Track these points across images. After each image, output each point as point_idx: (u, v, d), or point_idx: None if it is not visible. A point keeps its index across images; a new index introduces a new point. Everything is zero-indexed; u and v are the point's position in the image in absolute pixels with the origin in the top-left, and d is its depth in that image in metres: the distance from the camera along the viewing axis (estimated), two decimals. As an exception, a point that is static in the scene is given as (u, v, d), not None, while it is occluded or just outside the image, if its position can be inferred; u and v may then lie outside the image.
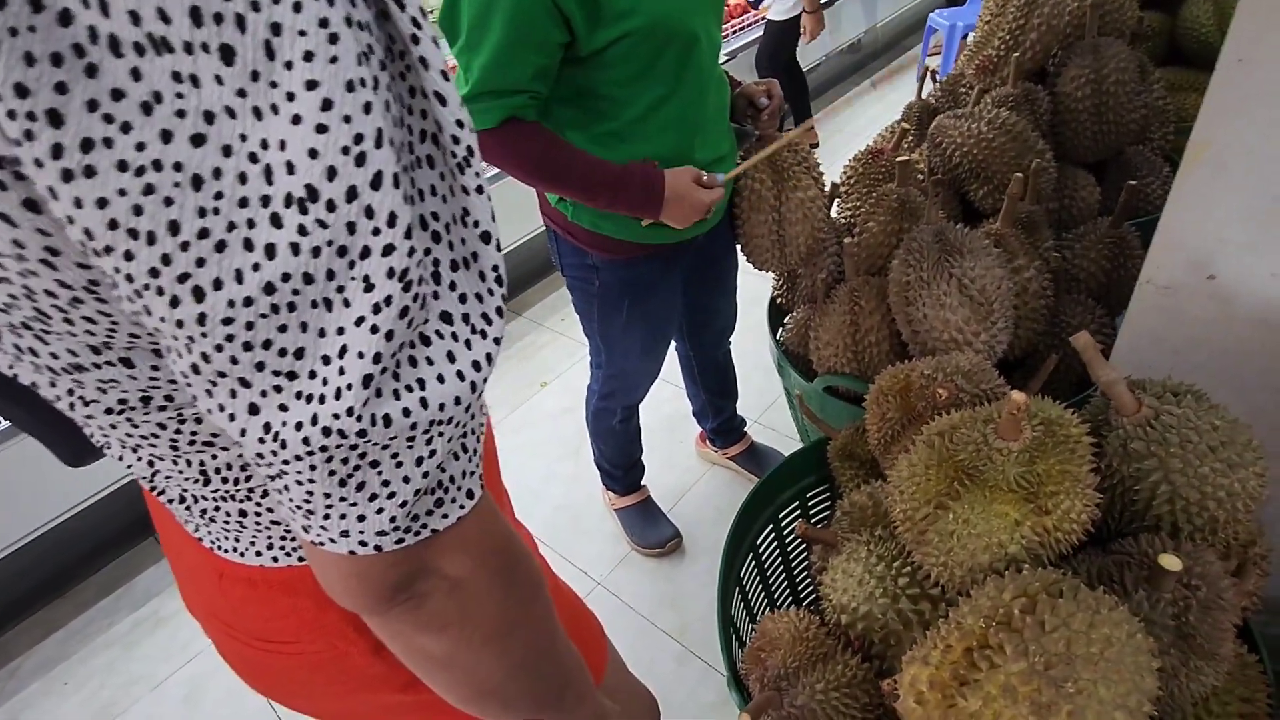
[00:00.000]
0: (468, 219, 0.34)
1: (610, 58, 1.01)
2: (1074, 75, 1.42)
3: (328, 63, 0.26)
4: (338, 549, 0.36)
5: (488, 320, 0.35)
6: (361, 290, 0.29)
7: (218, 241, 0.26)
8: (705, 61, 1.11)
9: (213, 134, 0.25)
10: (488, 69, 0.97)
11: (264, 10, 0.24)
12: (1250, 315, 0.81)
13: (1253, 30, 0.69)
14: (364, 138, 0.27)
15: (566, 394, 2.31)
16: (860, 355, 1.22)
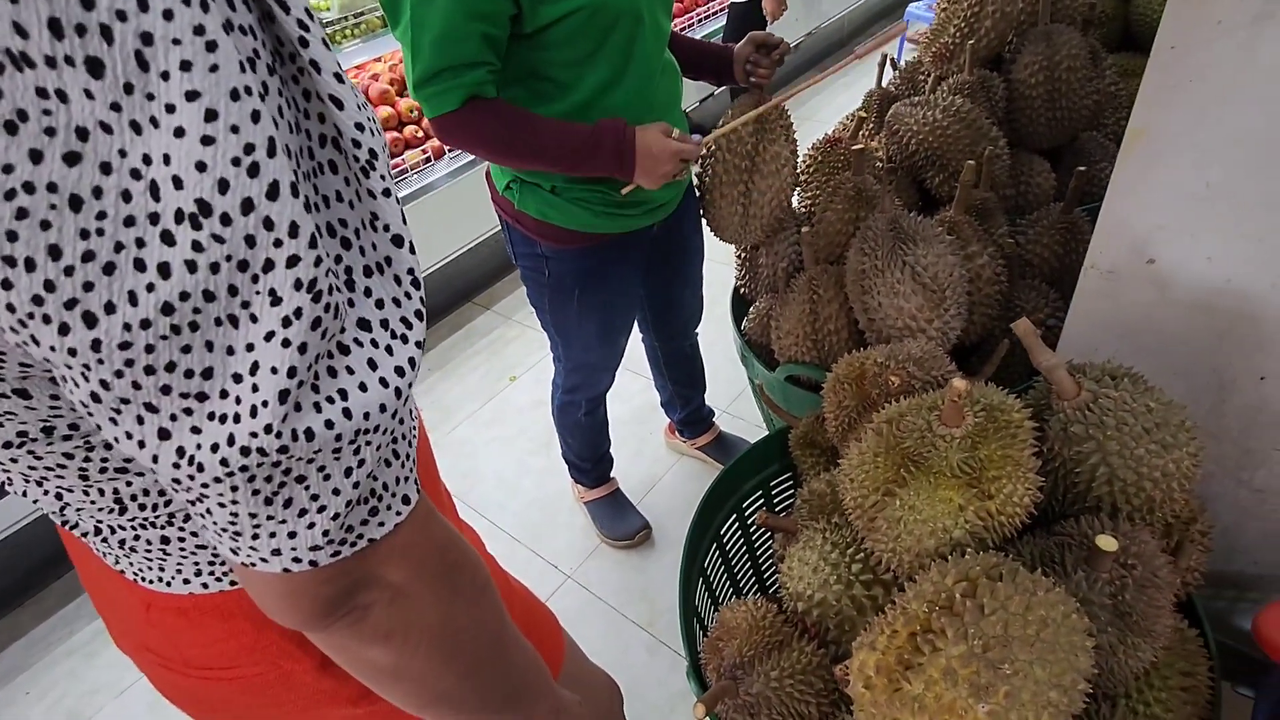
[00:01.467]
0: (377, 223, 0.34)
1: (556, 36, 1.00)
2: (1028, 62, 1.44)
3: (208, 71, 0.25)
4: (270, 568, 0.35)
5: (408, 324, 0.35)
6: (268, 304, 0.28)
7: (105, 263, 0.25)
8: (652, 47, 1.10)
9: (88, 151, 0.24)
10: (438, 44, 0.95)
11: (131, 20, 0.23)
12: (1188, 299, 0.83)
13: (1184, 17, 0.70)
14: (255, 147, 0.27)
15: (536, 387, 2.30)
16: (820, 344, 1.22)
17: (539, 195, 1.15)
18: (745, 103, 1.21)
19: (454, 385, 2.39)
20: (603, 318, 1.35)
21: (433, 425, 2.24)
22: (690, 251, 1.47)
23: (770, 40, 1.21)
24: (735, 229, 1.31)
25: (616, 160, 1.07)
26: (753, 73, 1.23)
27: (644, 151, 1.07)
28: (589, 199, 1.16)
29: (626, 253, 1.27)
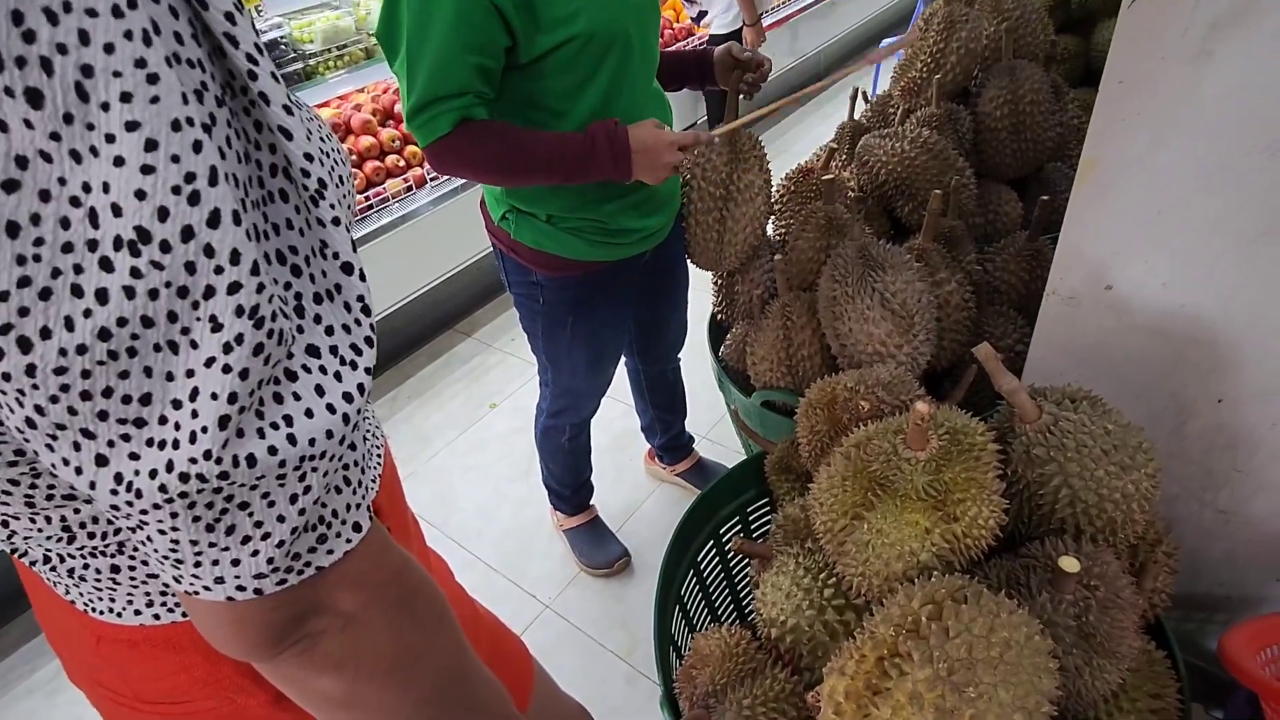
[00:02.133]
0: (326, 251, 0.34)
1: (550, 66, 1.02)
2: (992, 96, 1.48)
3: (148, 103, 0.26)
4: (214, 596, 0.34)
5: (357, 351, 0.35)
6: (209, 330, 0.28)
7: (42, 289, 0.25)
8: (641, 72, 1.13)
9: (27, 179, 0.24)
10: (432, 75, 0.97)
11: (72, 54, 0.24)
12: (1145, 323, 0.85)
13: (1131, 53, 0.73)
14: (196, 176, 0.27)
15: (516, 414, 2.29)
16: (794, 369, 1.24)
17: (535, 225, 1.17)
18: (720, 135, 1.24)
19: (433, 413, 2.38)
20: (594, 345, 1.35)
21: (411, 454, 2.22)
22: (678, 277, 1.49)
23: (750, 61, 1.24)
24: (711, 255, 1.32)
25: (612, 160, 1.05)
26: (740, 86, 1.26)
27: (639, 147, 1.05)
28: (584, 229, 1.17)
29: (619, 281, 1.29)
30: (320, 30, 2.23)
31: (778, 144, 3.75)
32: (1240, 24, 0.65)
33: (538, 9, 0.95)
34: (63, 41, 0.24)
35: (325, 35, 2.24)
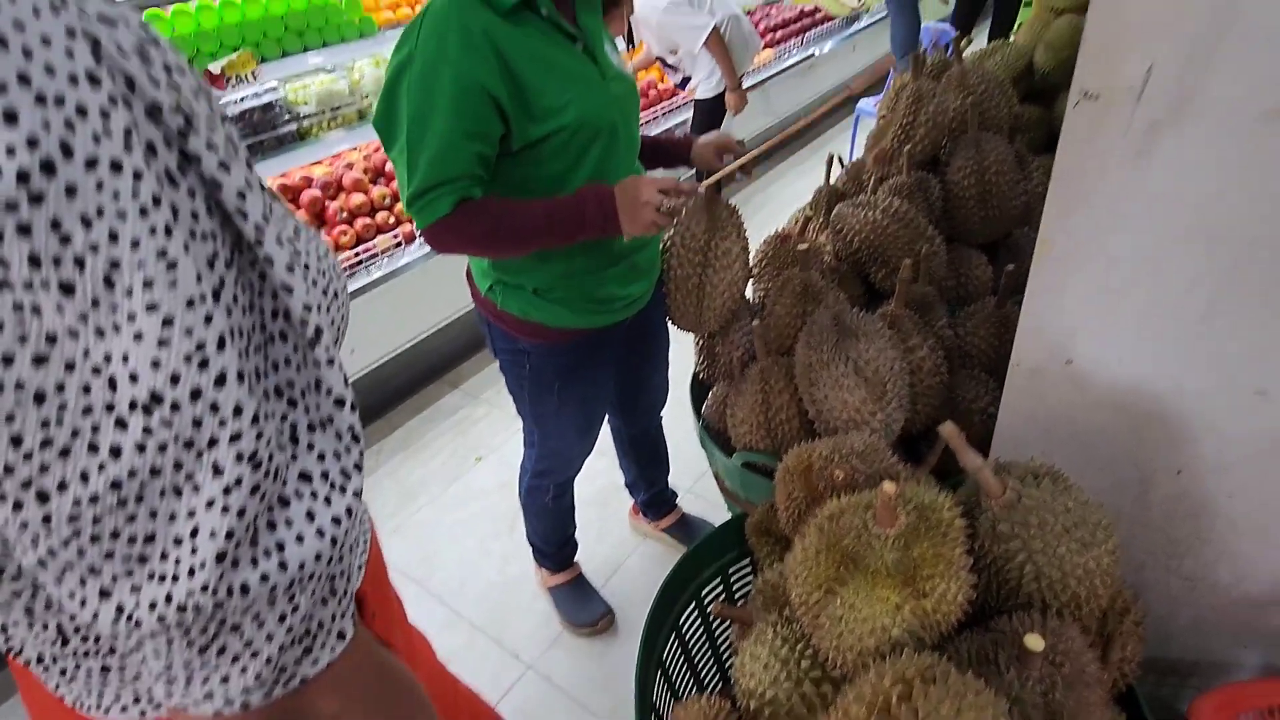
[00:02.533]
0: (321, 387, 0.37)
1: (541, 153, 1.06)
2: (960, 166, 1.55)
3: (168, 287, 0.28)
4: (202, 712, 0.36)
5: (346, 475, 0.37)
6: (211, 476, 0.31)
7: (62, 449, 0.28)
8: (625, 156, 1.18)
9: (55, 354, 0.27)
10: (434, 162, 0.99)
11: (103, 252, 0.27)
12: (1105, 397, 0.89)
13: (1078, 148, 0.78)
14: (206, 344, 0.30)
15: (502, 468, 2.29)
16: (773, 432, 1.26)
17: (522, 296, 1.20)
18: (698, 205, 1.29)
19: (418, 466, 2.37)
20: (580, 409, 1.38)
21: (395, 509, 2.20)
22: (659, 339, 1.53)
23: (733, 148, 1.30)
24: (691, 319, 1.36)
25: (601, 218, 1.07)
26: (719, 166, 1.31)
27: (623, 198, 1.08)
28: (570, 298, 1.20)
29: (604, 346, 1.32)
30: (315, 93, 2.30)
31: (758, 199, 3.85)
32: (1175, 127, 0.70)
33: (530, 101, 1.00)
34: (95, 242, 0.26)
35: (320, 98, 2.30)
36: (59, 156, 0.25)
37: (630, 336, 1.39)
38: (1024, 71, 2.12)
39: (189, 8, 2.02)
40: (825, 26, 4.36)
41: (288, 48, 2.16)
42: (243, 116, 2.17)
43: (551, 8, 1.03)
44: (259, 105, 2.18)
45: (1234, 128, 0.67)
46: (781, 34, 4.06)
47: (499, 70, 0.97)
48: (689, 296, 1.32)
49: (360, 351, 2.37)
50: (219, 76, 2.02)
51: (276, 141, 2.26)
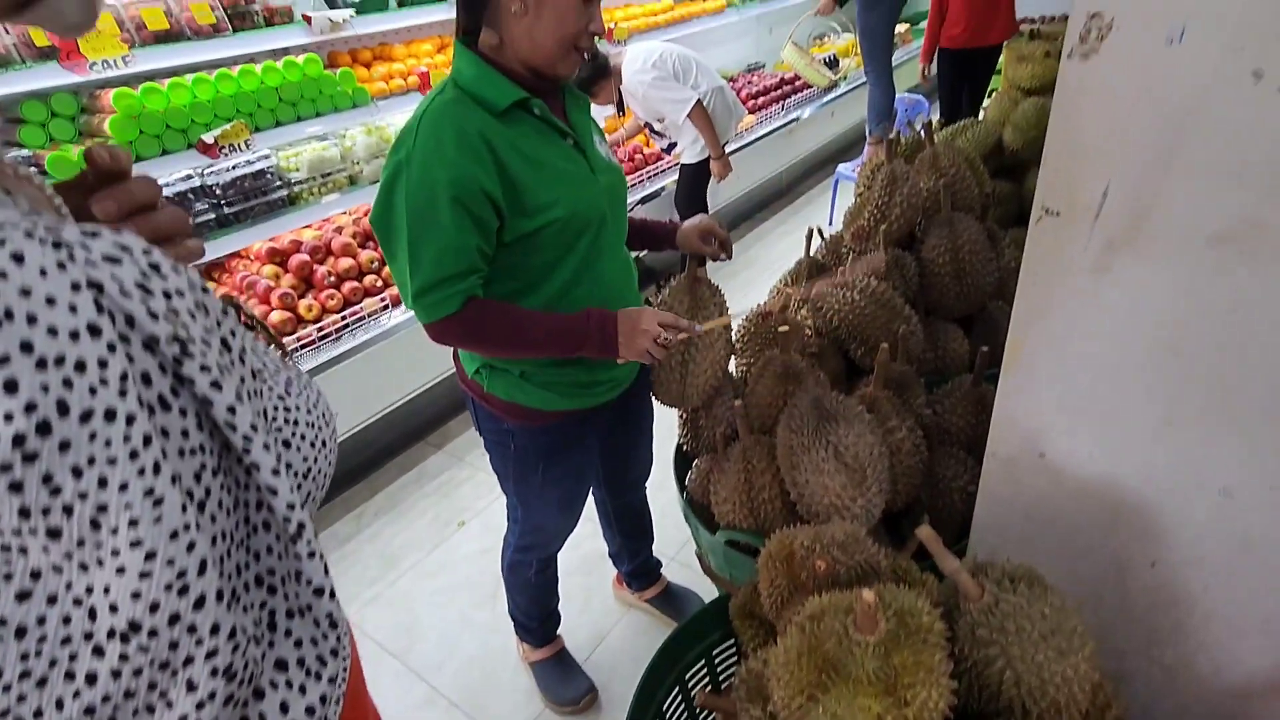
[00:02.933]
0: (301, 577, 0.38)
1: (531, 244, 1.09)
2: (934, 245, 1.61)
3: (152, 523, 0.30)
4: None
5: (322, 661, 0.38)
6: (185, 692, 0.31)
7: (40, 679, 0.28)
8: (613, 243, 1.21)
9: (38, 589, 0.28)
10: (438, 257, 1.02)
11: (90, 498, 0.28)
12: (1078, 489, 0.91)
13: (1041, 261, 0.81)
14: (187, 571, 0.30)
15: (486, 533, 2.27)
16: (756, 511, 1.27)
17: (508, 379, 1.21)
18: (681, 287, 1.32)
19: (401, 530, 2.34)
20: (565, 487, 1.38)
21: (375, 576, 2.16)
22: (643, 414, 1.54)
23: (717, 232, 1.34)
24: (675, 395, 1.37)
25: (601, 341, 1.11)
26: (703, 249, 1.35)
27: (625, 328, 1.11)
28: (556, 382, 1.22)
29: (588, 426, 1.33)
30: (306, 160, 2.34)
31: (741, 259, 3.93)
32: (1130, 246, 0.74)
33: (523, 197, 1.04)
34: (85, 490, 0.27)
35: (311, 164, 2.35)
36: (55, 416, 0.26)
37: (615, 413, 1.41)
38: (994, 148, 2.21)
39: (185, 80, 2.07)
40: (805, 93, 4.52)
41: (281, 118, 2.21)
42: (234, 183, 2.20)
43: (544, 107, 1.08)
44: (250, 172, 2.22)
45: (1184, 249, 0.70)
46: (763, 100, 4.21)
47: (494, 169, 1.01)
48: (673, 374, 1.34)
49: (345, 415, 2.36)
50: (212, 145, 2.06)
51: (267, 206, 2.29)
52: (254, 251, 2.46)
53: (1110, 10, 0.66)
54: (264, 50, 2.30)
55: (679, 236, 1.37)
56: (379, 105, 2.47)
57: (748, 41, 5.07)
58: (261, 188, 2.25)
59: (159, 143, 1.98)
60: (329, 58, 2.64)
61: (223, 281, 2.49)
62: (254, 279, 2.34)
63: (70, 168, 1.87)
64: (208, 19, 2.02)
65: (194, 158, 2.05)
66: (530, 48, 1.04)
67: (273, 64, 2.22)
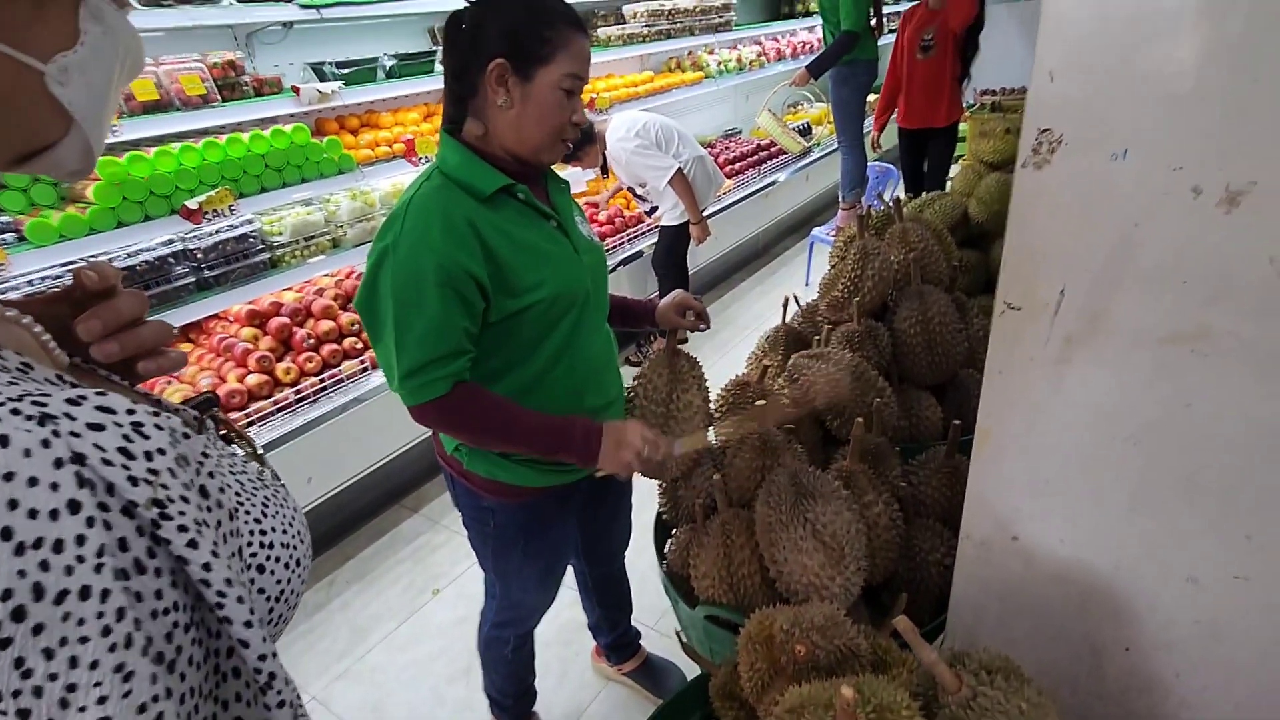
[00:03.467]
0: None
1: (518, 323, 1.11)
2: (905, 316, 1.65)
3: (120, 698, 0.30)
4: None
5: None
6: None
7: None
8: (595, 321, 1.23)
9: None
10: (427, 339, 1.01)
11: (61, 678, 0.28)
12: (1050, 572, 0.92)
13: (1006, 352, 0.85)
14: None
15: (460, 602, 2.21)
16: (735, 587, 1.26)
17: (488, 457, 1.21)
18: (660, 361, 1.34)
19: (373, 599, 2.27)
20: (545, 563, 1.37)
21: (345, 649, 2.09)
22: (623, 488, 1.53)
23: (694, 305, 1.37)
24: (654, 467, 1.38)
25: (585, 451, 1.11)
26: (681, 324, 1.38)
27: (609, 442, 1.11)
28: (535, 460, 1.22)
29: (568, 501, 1.32)
30: (290, 224, 2.36)
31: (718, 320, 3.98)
32: (1088, 343, 0.77)
33: (508, 279, 1.06)
34: (55, 671, 0.28)
35: (294, 228, 2.37)
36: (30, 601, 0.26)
37: (594, 485, 1.40)
38: (961, 218, 2.30)
39: (171, 149, 2.10)
40: (780, 159, 4.69)
41: (267, 184, 2.24)
42: (215, 247, 2.21)
43: (528, 193, 1.11)
44: (233, 236, 2.23)
45: (1138, 348, 0.74)
46: (740, 165, 4.35)
47: (480, 253, 1.03)
48: None
49: (319, 480, 2.32)
50: (196, 211, 2.07)
51: (248, 269, 2.30)
52: (233, 313, 2.45)
53: (1059, 127, 0.71)
54: (252, 119, 2.34)
55: (658, 315, 1.39)
56: (364, 171, 2.51)
57: (725, 109, 5.27)
58: (243, 251, 2.26)
59: (142, 209, 1.99)
60: (316, 124, 2.70)
61: (200, 343, 2.47)
62: (232, 341, 2.33)
63: (49, 233, 1.87)
64: (197, 90, 2.07)
65: (177, 223, 2.06)
66: (516, 139, 1.08)
67: (260, 132, 2.27)
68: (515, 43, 1.03)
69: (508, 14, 1.03)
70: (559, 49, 1.04)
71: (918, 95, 3.54)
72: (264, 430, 2.20)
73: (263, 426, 2.21)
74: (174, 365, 0.52)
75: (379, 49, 2.84)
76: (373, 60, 2.66)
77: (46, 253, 1.88)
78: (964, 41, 3.41)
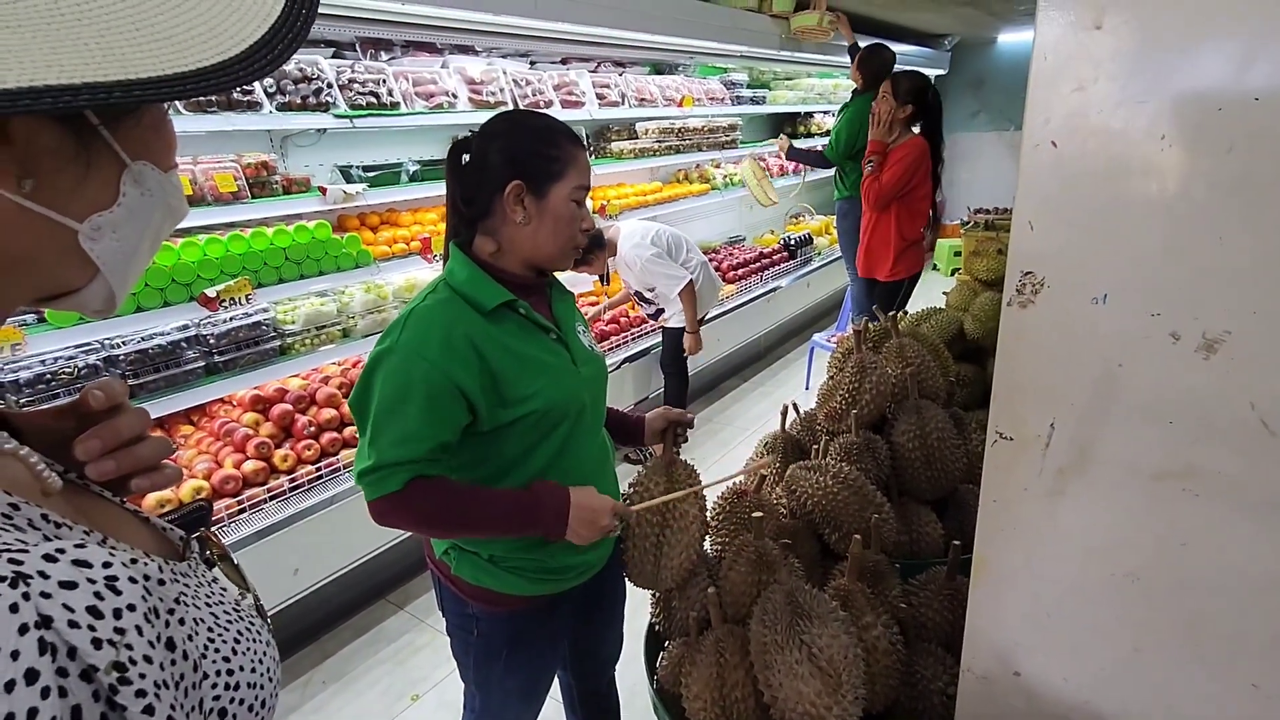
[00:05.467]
0: None
1: (510, 433, 1.12)
2: (903, 430, 1.66)
3: None
4: None
5: None
6: None
7: None
8: (590, 429, 1.25)
9: None
10: (395, 444, 1.03)
11: None
12: (1054, 712, 0.89)
13: (998, 481, 0.85)
14: None
15: (440, 710, 2.10)
16: (728, 710, 1.20)
17: (476, 563, 1.20)
18: (658, 468, 1.34)
19: (347, 704, 2.16)
20: (528, 675, 1.32)
21: (313, 760, 1.97)
22: (615, 599, 1.50)
23: (681, 420, 1.39)
24: (649, 578, 1.35)
25: (553, 521, 1.11)
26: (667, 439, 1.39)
27: (577, 511, 1.11)
28: (525, 567, 1.20)
29: (556, 612, 1.29)
30: (303, 313, 2.42)
31: (723, 417, 4.00)
32: (1081, 475, 0.78)
33: (503, 390, 1.08)
34: None
35: (307, 317, 2.43)
36: None
37: (585, 596, 1.37)
38: (957, 333, 2.36)
39: (197, 240, 2.19)
40: (782, 265, 4.85)
41: (285, 275, 2.32)
42: (228, 334, 2.26)
43: (529, 308, 1.15)
44: (246, 324, 2.29)
45: (1130, 482, 0.75)
46: (744, 271, 4.50)
47: (476, 368, 1.06)
48: (646, 555, 1.33)
49: (305, 571, 2.26)
50: (214, 299, 2.13)
51: (258, 356, 2.34)
52: (237, 398, 2.48)
53: (1041, 271, 0.75)
54: (278, 215, 2.46)
55: (647, 438, 1.43)
56: (380, 266, 2.60)
57: (729, 217, 5.51)
58: (255, 338, 2.31)
59: (161, 295, 2.05)
60: (339, 221, 2.82)
61: (201, 426, 2.48)
62: (232, 426, 2.34)
63: (69, 316, 1.92)
64: (230, 188, 2.18)
65: (194, 309, 2.12)
66: (533, 250, 1.14)
67: (283, 227, 2.37)
68: (528, 165, 1.11)
69: (519, 141, 1.11)
70: (568, 165, 1.13)
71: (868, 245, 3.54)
72: (256, 518, 2.17)
73: (255, 513, 2.18)
74: (168, 482, 0.52)
75: (404, 154, 3.01)
76: (397, 165, 2.82)
77: (64, 334, 1.93)
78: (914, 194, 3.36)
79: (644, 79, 4.03)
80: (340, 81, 2.47)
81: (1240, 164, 0.62)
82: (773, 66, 5.09)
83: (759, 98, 4.96)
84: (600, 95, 3.57)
